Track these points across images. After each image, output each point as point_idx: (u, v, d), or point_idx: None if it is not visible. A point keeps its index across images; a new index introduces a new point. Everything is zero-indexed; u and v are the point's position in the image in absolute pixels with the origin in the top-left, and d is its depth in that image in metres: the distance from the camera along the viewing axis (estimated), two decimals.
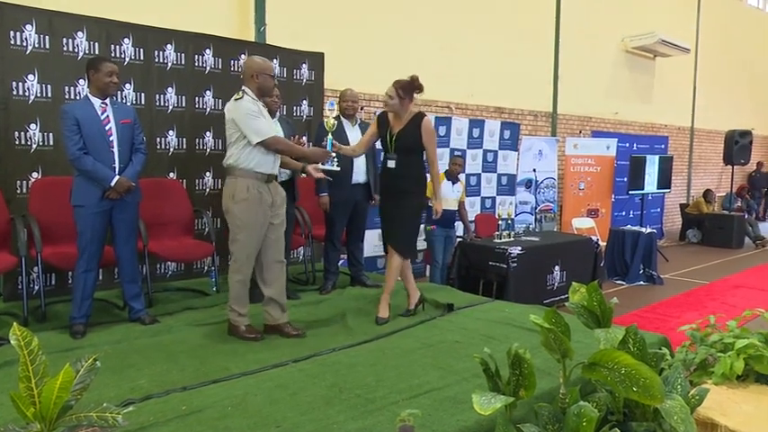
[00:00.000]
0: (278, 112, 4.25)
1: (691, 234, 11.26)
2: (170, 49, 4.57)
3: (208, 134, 4.84)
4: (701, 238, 11.05)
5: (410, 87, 3.68)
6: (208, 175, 4.88)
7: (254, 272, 3.45)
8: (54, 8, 4.09)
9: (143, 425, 2.21)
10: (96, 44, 4.19)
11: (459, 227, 6.46)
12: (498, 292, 5.41)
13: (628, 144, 10.31)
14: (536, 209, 8.72)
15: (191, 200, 4.59)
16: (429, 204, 4.23)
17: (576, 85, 9.66)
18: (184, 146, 4.72)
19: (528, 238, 6.31)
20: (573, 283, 2.63)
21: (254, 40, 5.50)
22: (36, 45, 3.96)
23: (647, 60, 11.33)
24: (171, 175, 4.66)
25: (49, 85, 4.02)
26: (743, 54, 14.23)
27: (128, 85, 4.37)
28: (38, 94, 3.99)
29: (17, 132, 3.93)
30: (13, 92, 3.90)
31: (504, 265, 5.57)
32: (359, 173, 4.50)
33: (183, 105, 4.68)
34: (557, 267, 6.14)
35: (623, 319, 5.33)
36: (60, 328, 3.46)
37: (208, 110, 4.82)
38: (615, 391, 2.11)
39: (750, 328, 2.90)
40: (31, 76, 3.95)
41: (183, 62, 4.65)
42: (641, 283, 7.53)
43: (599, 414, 2.03)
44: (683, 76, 12.48)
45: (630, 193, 9.49)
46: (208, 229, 4.59)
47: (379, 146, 4.06)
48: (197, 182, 4.84)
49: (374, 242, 6.25)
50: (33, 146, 4.00)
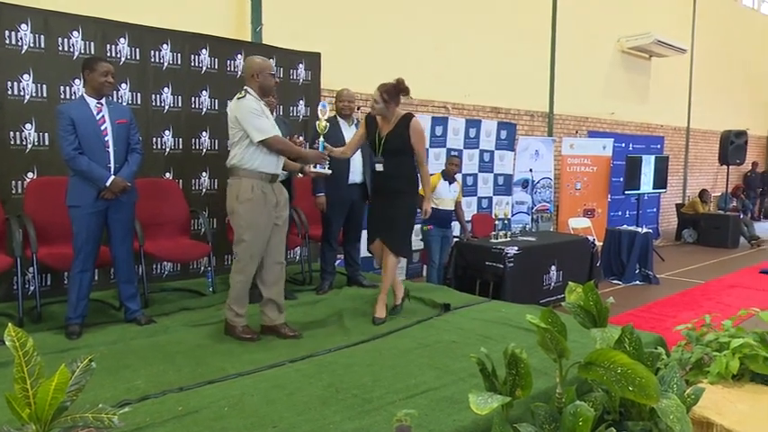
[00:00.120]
0: (275, 112, 4.24)
1: (686, 234, 11.30)
2: (166, 48, 4.56)
3: (204, 134, 4.84)
4: (696, 238, 11.09)
5: (395, 91, 3.68)
6: (204, 175, 4.88)
7: None
8: (49, 8, 4.08)
9: (139, 425, 2.21)
10: (92, 44, 4.18)
11: (456, 227, 6.47)
12: (495, 292, 5.42)
13: (624, 144, 10.35)
14: (532, 209, 8.73)
15: (187, 200, 4.58)
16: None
17: (573, 86, 9.68)
18: (180, 146, 4.71)
19: (524, 238, 6.32)
20: (569, 282, 2.63)
21: (250, 40, 5.49)
22: (31, 44, 3.94)
23: (643, 61, 11.37)
24: (167, 175, 4.66)
25: (44, 85, 4.01)
26: (738, 54, 14.29)
27: (123, 85, 4.36)
28: (33, 94, 3.97)
29: (12, 132, 3.92)
30: (8, 91, 3.88)
31: (501, 265, 5.58)
32: (355, 173, 4.49)
33: (180, 105, 4.67)
34: (553, 267, 6.16)
35: (619, 319, 5.35)
36: (56, 329, 3.45)
37: (204, 110, 4.81)
38: (611, 390, 2.12)
39: (745, 328, 2.90)
40: (26, 76, 3.94)
41: (180, 62, 4.64)
42: (637, 282, 7.55)
43: (595, 413, 2.04)
44: (678, 76, 12.52)
45: (626, 192, 9.51)
46: (204, 230, 4.58)
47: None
48: (193, 182, 4.83)
49: None
50: (28, 146, 3.99)
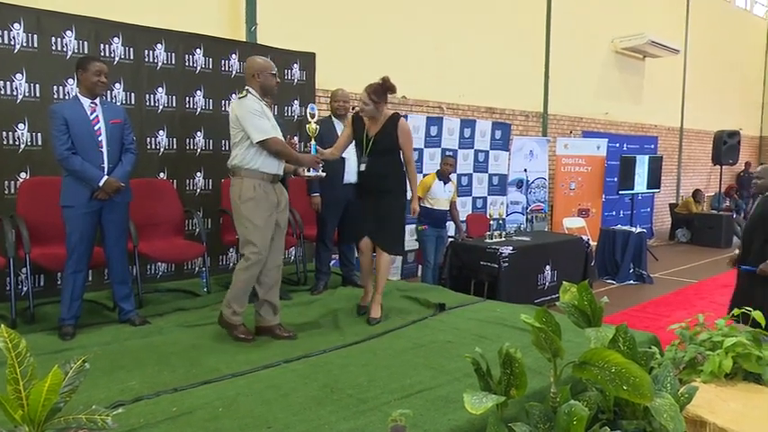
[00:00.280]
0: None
1: (680, 233, 11.35)
2: (160, 48, 4.54)
3: (198, 134, 4.82)
4: (690, 238, 11.15)
5: (383, 90, 3.67)
6: (198, 175, 4.86)
7: None
8: (43, 7, 4.05)
9: (133, 427, 2.20)
10: (85, 43, 4.16)
11: (451, 227, 6.47)
12: (490, 292, 5.44)
13: (618, 144, 10.38)
14: (527, 209, 8.75)
15: (181, 200, 4.57)
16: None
17: (567, 86, 9.71)
18: (175, 146, 4.70)
19: (519, 238, 6.33)
20: (564, 282, 2.63)
21: (245, 40, 5.48)
22: (24, 44, 3.92)
23: (636, 61, 11.41)
24: (161, 175, 4.64)
25: (37, 85, 3.99)
26: (731, 55, 14.37)
27: (117, 85, 4.34)
28: (26, 94, 3.95)
29: (5, 132, 3.90)
30: (1, 91, 3.86)
31: (496, 265, 5.60)
32: (350, 173, 4.47)
33: (174, 105, 4.66)
34: (548, 267, 6.17)
35: (613, 318, 5.36)
36: (49, 330, 3.43)
37: (198, 110, 4.80)
38: (605, 389, 2.12)
39: (738, 327, 2.92)
40: (18, 76, 3.92)
41: (174, 62, 4.62)
42: (631, 282, 7.58)
43: (589, 413, 2.04)
44: (672, 76, 12.58)
45: (621, 192, 9.55)
46: (198, 230, 4.56)
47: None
48: (187, 182, 4.81)
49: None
50: (21, 146, 3.97)
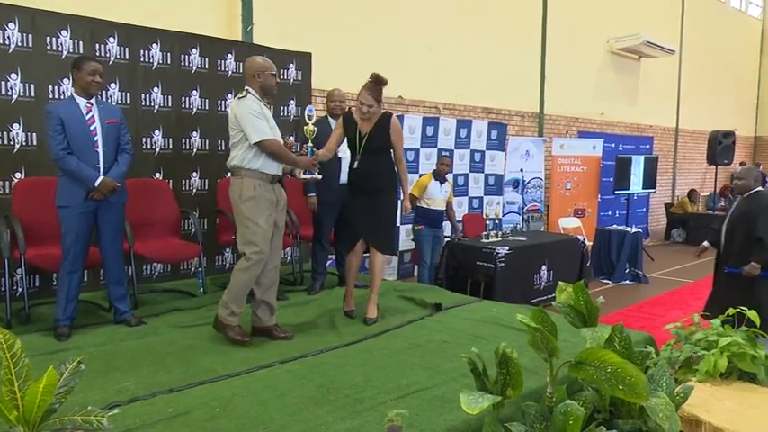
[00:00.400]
0: None
1: (675, 233, 11.39)
2: (156, 48, 4.53)
3: (194, 134, 4.81)
4: (685, 238, 11.19)
5: (379, 88, 3.66)
6: (194, 175, 4.85)
7: None
8: (38, 6, 4.04)
9: (129, 427, 2.19)
10: (81, 43, 4.15)
11: (447, 227, 6.48)
12: (486, 292, 5.44)
13: (614, 144, 10.40)
14: (523, 209, 8.76)
15: (177, 200, 4.55)
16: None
17: (563, 86, 9.72)
18: (171, 146, 4.69)
19: (515, 238, 6.34)
20: (560, 282, 2.64)
21: (241, 40, 5.47)
22: (19, 44, 3.90)
23: (632, 61, 11.44)
24: (157, 175, 4.62)
25: (32, 85, 3.97)
26: (726, 56, 14.43)
27: (113, 85, 4.33)
28: (21, 94, 3.93)
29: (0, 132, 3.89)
30: None
31: (492, 265, 5.60)
32: (346, 173, 4.47)
33: (170, 105, 4.64)
34: (544, 267, 6.19)
35: (609, 318, 5.39)
36: (44, 331, 3.42)
37: (194, 110, 4.79)
38: (601, 389, 2.13)
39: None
40: (13, 75, 3.90)
41: (169, 62, 4.61)
42: (627, 282, 7.61)
43: (585, 412, 2.05)
44: (667, 77, 12.62)
45: (616, 192, 9.57)
46: (194, 230, 4.55)
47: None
48: (183, 182, 4.80)
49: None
50: (16, 146, 3.95)
